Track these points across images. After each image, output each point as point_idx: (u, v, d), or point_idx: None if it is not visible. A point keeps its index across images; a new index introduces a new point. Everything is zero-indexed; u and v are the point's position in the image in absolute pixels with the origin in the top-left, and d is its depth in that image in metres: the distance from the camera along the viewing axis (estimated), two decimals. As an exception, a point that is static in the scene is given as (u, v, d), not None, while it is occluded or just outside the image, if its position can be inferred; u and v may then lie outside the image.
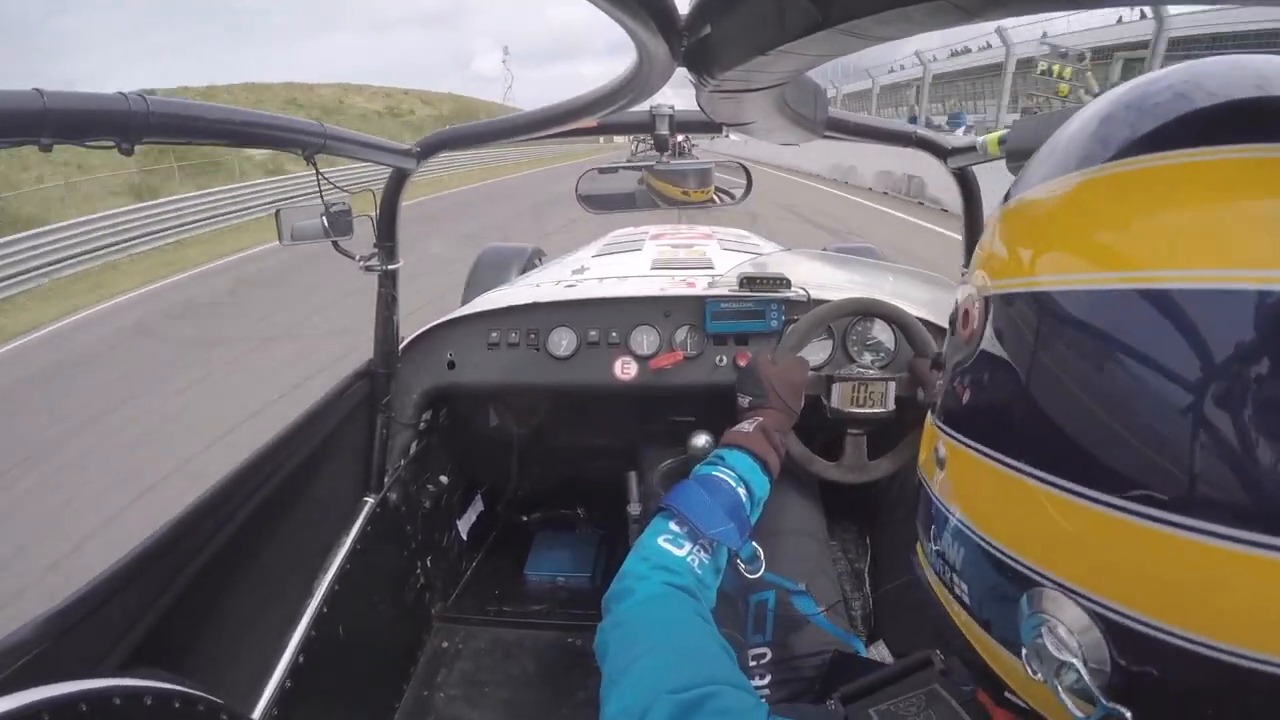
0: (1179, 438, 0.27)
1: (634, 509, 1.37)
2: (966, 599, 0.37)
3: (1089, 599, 0.30)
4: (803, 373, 1.02)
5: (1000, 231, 0.37)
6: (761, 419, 0.91)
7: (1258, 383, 0.25)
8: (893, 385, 1.07)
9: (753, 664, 1.00)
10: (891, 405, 1.07)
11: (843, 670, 0.85)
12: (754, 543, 0.80)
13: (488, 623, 1.57)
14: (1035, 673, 0.32)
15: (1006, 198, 0.39)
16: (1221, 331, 0.26)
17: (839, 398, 1.08)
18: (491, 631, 1.54)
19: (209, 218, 12.81)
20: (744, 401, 0.98)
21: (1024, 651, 0.32)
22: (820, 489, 1.31)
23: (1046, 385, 0.32)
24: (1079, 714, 0.30)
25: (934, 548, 0.41)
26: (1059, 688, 0.30)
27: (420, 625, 1.51)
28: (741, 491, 0.80)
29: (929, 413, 0.45)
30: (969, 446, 0.36)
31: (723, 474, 0.81)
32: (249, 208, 13.75)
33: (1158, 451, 0.27)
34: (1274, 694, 0.25)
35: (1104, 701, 0.29)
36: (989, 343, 0.36)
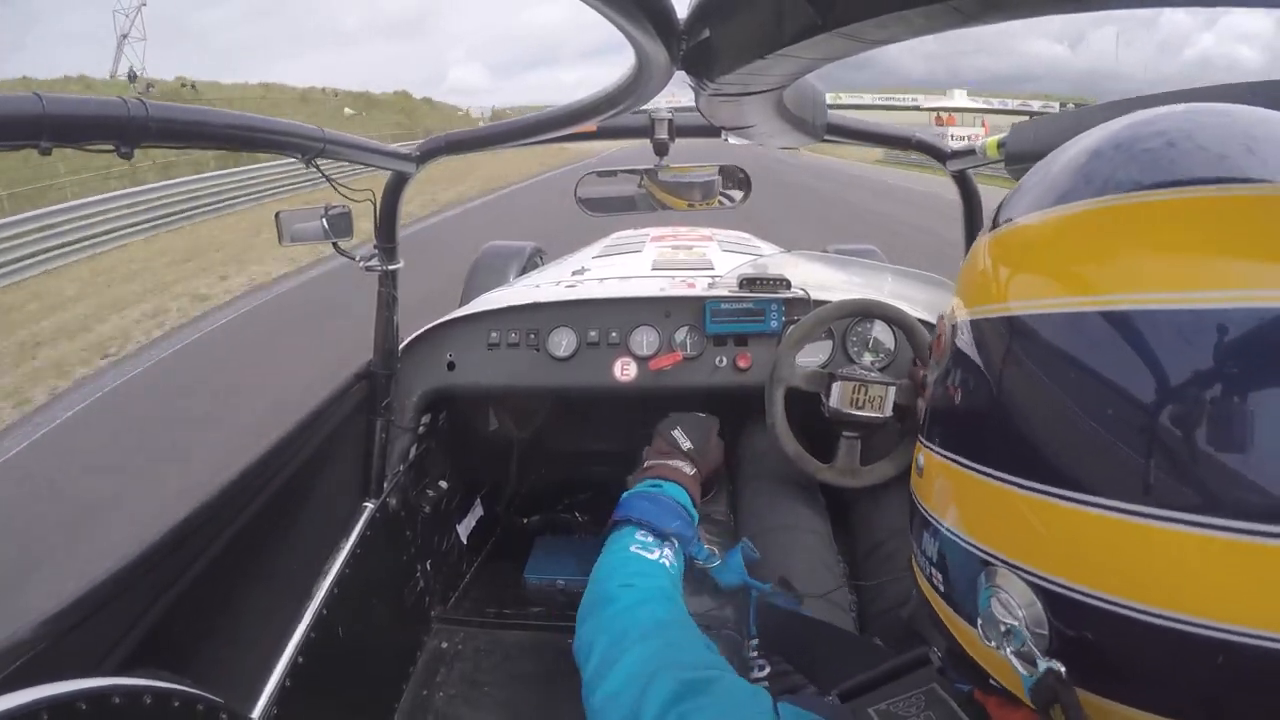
0: (1112, 437, 0.31)
1: None
2: (941, 586, 0.42)
3: (1030, 573, 0.35)
4: (722, 458, 1.09)
5: (976, 261, 0.41)
6: (696, 472, 0.96)
7: (1195, 392, 0.29)
8: (893, 391, 1.07)
9: (754, 654, 1.00)
10: (889, 411, 1.07)
11: (771, 621, 0.89)
12: (707, 545, 0.86)
13: (487, 625, 1.57)
14: (989, 640, 0.37)
15: (994, 224, 0.42)
16: (1168, 350, 0.30)
17: (838, 397, 1.08)
18: (491, 634, 1.54)
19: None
20: (685, 444, 1.00)
21: (979, 621, 0.37)
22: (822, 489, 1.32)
23: (1001, 397, 0.36)
24: (1024, 673, 0.35)
25: (918, 547, 0.46)
26: (1007, 651, 0.35)
27: (420, 627, 1.51)
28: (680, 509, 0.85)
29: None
30: (936, 452, 0.42)
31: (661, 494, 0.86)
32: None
33: (1090, 449, 0.32)
34: (1184, 647, 0.30)
35: (1042, 659, 0.34)
36: (954, 361, 0.41)
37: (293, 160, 0.86)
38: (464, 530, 1.71)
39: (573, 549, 1.82)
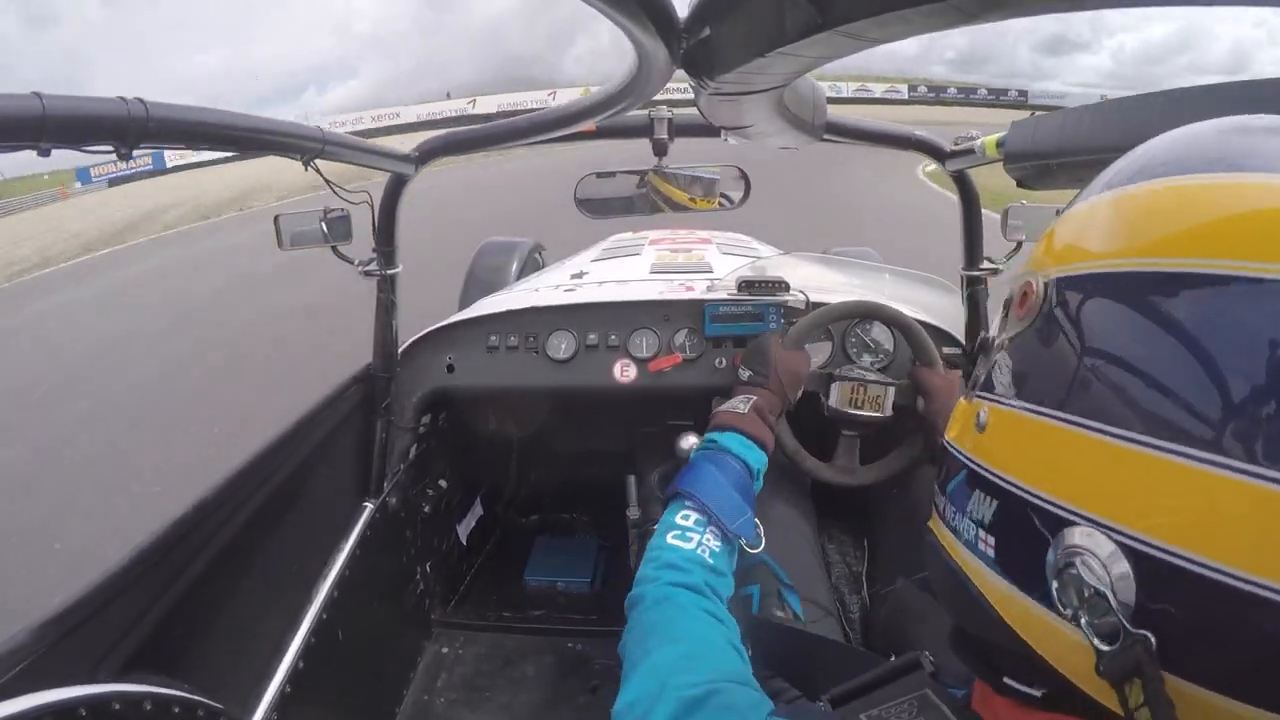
0: (1215, 391, 0.31)
1: (633, 513, 1.37)
2: (992, 553, 0.40)
3: (1120, 532, 0.33)
4: (807, 365, 1.05)
5: (1066, 225, 0.42)
6: (756, 398, 0.92)
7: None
8: (892, 391, 1.07)
9: None
10: (889, 411, 1.07)
11: (763, 634, 0.87)
12: (755, 519, 0.82)
13: (487, 628, 1.56)
14: (1065, 608, 0.34)
15: (1073, 201, 0.43)
16: (1251, 315, 0.30)
17: (838, 397, 1.08)
18: (491, 637, 1.54)
19: None
20: (744, 374, 1.01)
21: (1054, 586, 0.35)
22: (813, 490, 1.31)
23: (1100, 349, 0.36)
24: (1102, 647, 0.32)
25: (959, 511, 0.43)
26: (1083, 621, 0.33)
27: (420, 630, 1.50)
28: (743, 468, 0.84)
29: (963, 392, 0.48)
30: (1016, 406, 0.40)
31: (722, 453, 0.84)
32: None
33: (1196, 401, 0.31)
34: None
35: (1129, 628, 0.31)
36: (1048, 315, 0.40)
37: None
38: (464, 531, 1.71)
39: (572, 550, 1.82)
